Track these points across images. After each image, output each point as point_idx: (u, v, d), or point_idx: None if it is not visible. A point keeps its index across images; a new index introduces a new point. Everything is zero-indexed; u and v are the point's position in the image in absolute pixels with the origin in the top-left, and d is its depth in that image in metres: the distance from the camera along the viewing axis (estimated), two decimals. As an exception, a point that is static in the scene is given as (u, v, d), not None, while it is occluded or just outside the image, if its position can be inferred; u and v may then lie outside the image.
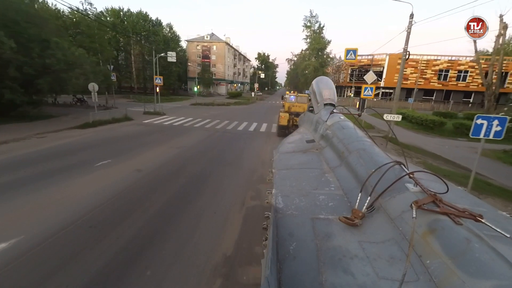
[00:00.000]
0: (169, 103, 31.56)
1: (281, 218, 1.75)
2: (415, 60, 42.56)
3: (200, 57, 60.96)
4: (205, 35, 62.07)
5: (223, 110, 27.24)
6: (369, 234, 1.50)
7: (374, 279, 1.19)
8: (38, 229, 4.51)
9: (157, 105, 21.34)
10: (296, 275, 1.28)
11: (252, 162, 9.51)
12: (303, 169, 2.70)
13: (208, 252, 4.20)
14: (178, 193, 6.45)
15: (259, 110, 29.50)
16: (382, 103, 44.44)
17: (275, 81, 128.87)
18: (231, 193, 6.63)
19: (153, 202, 5.85)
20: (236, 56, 74.91)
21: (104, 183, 6.65)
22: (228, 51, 64.80)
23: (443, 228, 1.23)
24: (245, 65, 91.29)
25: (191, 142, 11.95)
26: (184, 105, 30.12)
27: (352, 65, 48.84)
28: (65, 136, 11.82)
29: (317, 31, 51.02)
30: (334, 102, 4.28)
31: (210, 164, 9.00)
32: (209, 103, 32.38)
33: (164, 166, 8.46)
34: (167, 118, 19.63)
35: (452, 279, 1.03)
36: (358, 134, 2.88)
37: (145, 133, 13.82)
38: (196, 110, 25.86)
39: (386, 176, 1.74)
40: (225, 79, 63.01)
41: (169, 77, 42.13)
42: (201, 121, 18.64)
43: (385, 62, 43.89)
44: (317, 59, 49.62)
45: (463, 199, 1.94)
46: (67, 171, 7.36)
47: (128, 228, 4.73)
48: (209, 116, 21.96)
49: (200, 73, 55.64)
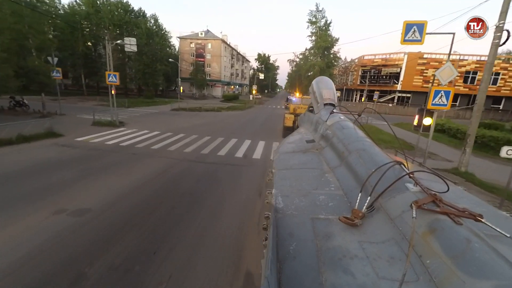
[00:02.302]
0: (145, 108, 25.68)
1: (281, 218, 1.73)
2: (437, 60, 36.81)
3: (193, 55, 55.32)
4: (200, 31, 56.51)
5: (210, 118, 21.37)
6: (369, 234, 1.48)
7: (374, 279, 1.17)
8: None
9: (114, 112, 15.39)
10: (296, 275, 1.26)
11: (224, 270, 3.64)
12: (303, 169, 2.66)
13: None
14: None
15: (256, 118, 23.59)
16: (399, 109, 38.66)
17: (275, 84, 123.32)
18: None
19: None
20: (234, 56, 69.29)
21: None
22: (224, 49, 59.17)
23: (443, 228, 1.22)
24: (244, 66, 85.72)
25: (108, 197, 6.02)
26: (163, 111, 24.25)
27: (363, 65, 43.12)
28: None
29: (323, 28, 45.01)
30: (334, 102, 4.16)
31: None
32: (196, 108, 26.51)
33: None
34: (122, 132, 13.74)
35: (452, 279, 1.02)
36: (358, 134, 2.81)
37: (54, 166, 7.92)
38: (174, 119, 19.98)
39: (386, 176, 1.72)
40: (221, 80, 57.29)
41: (153, 76, 36.32)
42: (169, 138, 12.75)
43: (403, 62, 38.11)
44: (323, 59, 43.67)
45: (463, 198, 1.89)
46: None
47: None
48: (187, 127, 16.09)
49: (192, 73, 49.87)
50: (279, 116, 26.07)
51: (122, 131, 13.94)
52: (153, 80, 36.25)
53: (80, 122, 15.65)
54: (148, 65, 35.87)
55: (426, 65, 37.39)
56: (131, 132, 13.80)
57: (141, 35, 34.54)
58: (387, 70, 40.27)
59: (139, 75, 36.08)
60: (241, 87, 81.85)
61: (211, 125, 17.49)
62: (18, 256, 3.89)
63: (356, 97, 47.78)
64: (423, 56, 36.99)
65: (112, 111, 15.36)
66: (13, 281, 3.45)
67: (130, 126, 15.56)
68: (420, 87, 38.15)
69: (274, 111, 31.84)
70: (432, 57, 36.98)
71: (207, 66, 56.26)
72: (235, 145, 11.98)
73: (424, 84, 38.12)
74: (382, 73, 41.00)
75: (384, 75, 40.93)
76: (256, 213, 5.65)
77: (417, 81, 38.27)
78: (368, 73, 41.81)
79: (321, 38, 43.53)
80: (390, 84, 40.25)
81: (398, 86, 39.41)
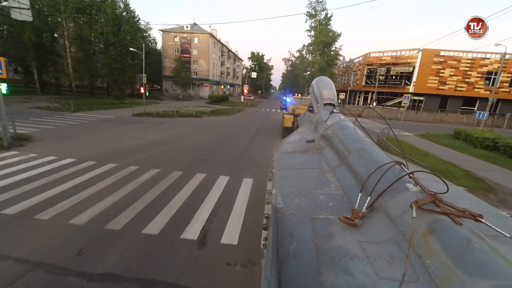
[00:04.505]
0: (100, 112, 19.49)
1: (281, 218, 1.73)
2: (456, 59, 32.04)
3: (178, 51, 49.19)
4: (185, 25, 50.43)
5: (181, 128, 15.52)
6: (369, 234, 1.49)
7: (374, 279, 1.18)
8: None
9: (3, 121, 9.34)
10: (296, 275, 1.26)
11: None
12: (303, 169, 2.66)
13: None
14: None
15: (245, 129, 17.85)
16: (411, 114, 33.67)
17: (270, 84, 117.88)
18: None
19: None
20: (224, 53, 63.41)
21: None
22: (213, 45, 53.27)
23: (443, 228, 1.22)
24: (235, 65, 79.92)
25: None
26: (121, 117, 18.21)
27: (369, 64, 38.06)
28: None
29: (323, 22, 39.48)
30: (334, 102, 4.14)
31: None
32: (168, 113, 20.56)
33: None
34: (4, 160, 7.82)
35: (452, 279, 1.02)
36: (358, 134, 2.80)
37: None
38: (127, 130, 14.06)
39: (386, 176, 1.71)
40: (209, 79, 51.30)
41: (123, 72, 30.10)
42: (79, 176, 6.92)
43: (417, 60, 33.17)
44: (323, 57, 38.20)
45: (463, 199, 1.91)
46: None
47: None
48: (134, 147, 10.26)
49: (174, 71, 43.73)
50: (276, 123, 20.42)
51: (3, 158, 7.99)
52: (123, 77, 29.99)
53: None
54: (117, 59, 29.64)
55: (442, 64, 32.53)
56: (20, 160, 7.87)
57: (106, 22, 28.31)
58: (398, 69, 35.29)
59: (105, 71, 29.78)
60: (232, 87, 75.99)
61: (174, 142, 11.66)
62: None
63: (359, 99, 42.71)
64: (439, 54, 32.13)
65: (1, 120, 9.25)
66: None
67: (36, 145, 9.58)
68: (435, 89, 33.30)
69: (269, 116, 26.16)
70: (449, 55, 32.18)
71: (194, 63, 50.21)
72: (195, 196, 6.24)
73: (440, 86, 33.31)
74: (392, 73, 36.02)
75: (394, 75, 35.95)
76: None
77: (432, 83, 33.39)
78: (374, 73, 36.76)
79: (321, 32, 38.04)
80: (401, 86, 35.25)
81: (410, 88, 34.45)
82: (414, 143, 15.34)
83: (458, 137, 18.20)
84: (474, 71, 32.13)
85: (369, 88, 38.69)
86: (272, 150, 4.12)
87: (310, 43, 39.90)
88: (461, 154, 13.43)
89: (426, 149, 13.99)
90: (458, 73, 32.39)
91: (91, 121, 15.59)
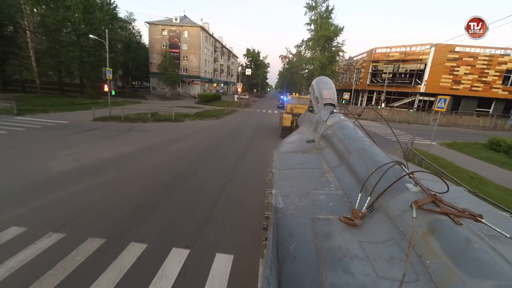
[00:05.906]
0: (53, 115, 15.53)
1: (281, 218, 1.71)
2: (472, 55, 28.86)
3: (166, 46, 45.13)
4: (174, 17, 46.35)
5: (144, 141, 11.77)
6: (369, 234, 1.47)
7: (374, 279, 1.16)
8: None
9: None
10: (296, 275, 1.25)
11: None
12: (303, 169, 2.64)
13: None
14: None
15: (233, 139, 14.20)
16: (422, 116, 30.35)
17: (266, 83, 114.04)
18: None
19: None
20: (217, 48, 59.38)
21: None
22: (205, 40, 49.30)
23: (443, 228, 1.20)
24: (230, 62, 75.91)
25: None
26: (78, 122, 14.36)
27: (375, 60, 34.70)
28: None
29: (324, 15, 35.79)
30: (334, 102, 4.12)
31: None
32: (139, 116, 16.72)
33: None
34: None
35: (452, 279, 1.01)
36: (358, 134, 2.78)
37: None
38: (67, 142, 10.30)
39: (386, 176, 1.70)
40: (200, 77, 47.40)
41: (97, 67, 26.06)
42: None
43: (429, 57, 29.87)
44: (323, 52, 34.61)
45: (463, 199, 1.90)
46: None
47: None
48: (51, 179, 6.50)
49: (161, 67, 39.71)
50: (274, 128, 16.85)
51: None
52: (96, 73, 25.93)
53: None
54: (89, 51, 25.59)
55: (457, 61, 29.31)
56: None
57: (75, 8, 24.22)
58: (407, 66, 31.97)
59: (75, 65, 25.69)
60: (227, 85, 72.06)
61: (125, 164, 7.96)
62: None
63: (363, 99, 39.40)
64: (454, 50, 28.87)
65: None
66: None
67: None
68: (449, 89, 30.06)
69: (265, 120, 22.46)
70: (465, 51, 28.96)
71: (183, 58, 46.22)
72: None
73: (454, 85, 30.12)
74: (400, 70, 32.72)
75: (402, 73, 32.65)
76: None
77: (446, 81, 30.15)
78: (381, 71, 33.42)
79: (322, 26, 34.42)
80: (411, 85, 31.94)
81: (421, 87, 31.19)
82: (446, 157, 11.98)
83: (495, 148, 14.95)
84: (492, 69, 29.01)
85: (374, 87, 35.37)
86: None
87: (310, 38, 36.35)
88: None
89: (467, 166, 10.64)
90: (474, 71, 29.24)
91: (28, 129, 11.74)
